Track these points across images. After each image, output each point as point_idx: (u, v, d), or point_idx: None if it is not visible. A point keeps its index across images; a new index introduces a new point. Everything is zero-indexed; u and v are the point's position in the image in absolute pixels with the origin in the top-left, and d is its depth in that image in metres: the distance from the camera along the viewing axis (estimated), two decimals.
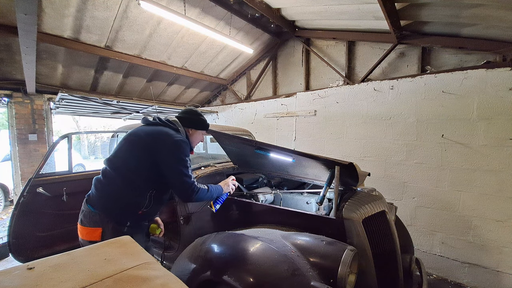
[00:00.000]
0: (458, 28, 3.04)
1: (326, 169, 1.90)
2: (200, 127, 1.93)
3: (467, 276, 2.93)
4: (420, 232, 3.26)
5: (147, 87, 5.49)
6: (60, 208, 2.70)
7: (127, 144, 1.70)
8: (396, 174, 3.44)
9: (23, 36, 2.56)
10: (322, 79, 4.69)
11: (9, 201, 5.98)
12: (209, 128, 2.01)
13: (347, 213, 1.58)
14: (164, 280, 0.77)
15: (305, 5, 3.66)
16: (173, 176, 1.64)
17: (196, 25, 3.44)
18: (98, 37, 3.81)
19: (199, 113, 1.95)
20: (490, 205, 2.79)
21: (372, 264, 1.51)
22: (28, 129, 4.49)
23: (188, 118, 1.90)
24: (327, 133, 4.16)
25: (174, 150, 1.64)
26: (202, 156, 3.50)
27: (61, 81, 4.55)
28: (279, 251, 1.37)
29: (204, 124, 1.94)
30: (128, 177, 1.62)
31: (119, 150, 1.70)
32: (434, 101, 3.12)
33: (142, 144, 1.66)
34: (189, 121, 1.89)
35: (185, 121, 1.88)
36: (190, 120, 1.90)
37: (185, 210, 2.29)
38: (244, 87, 6.03)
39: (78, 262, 0.85)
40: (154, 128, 1.74)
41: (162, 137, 1.66)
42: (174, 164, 1.63)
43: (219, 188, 1.89)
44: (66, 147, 2.90)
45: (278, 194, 2.36)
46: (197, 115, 1.94)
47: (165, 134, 1.68)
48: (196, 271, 1.49)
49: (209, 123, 2.01)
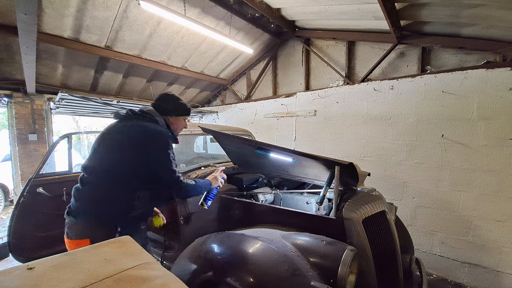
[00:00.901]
0: (458, 28, 3.04)
1: (326, 169, 1.90)
2: (180, 112, 1.76)
3: (467, 276, 2.93)
4: (420, 232, 3.26)
5: (147, 87, 5.49)
6: (60, 208, 2.67)
7: (104, 146, 1.56)
8: (396, 174, 3.44)
9: (23, 36, 2.56)
10: (322, 79, 4.69)
11: (9, 201, 5.98)
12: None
13: (347, 213, 1.58)
14: (164, 280, 0.77)
15: (305, 5, 3.66)
16: (157, 173, 1.55)
17: (196, 25, 3.44)
18: (98, 37, 3.81)
19: (177, 97, 1.77)
20: (490, 205, 2.79)
21: (372, 264, 1.51)
22: (28, 129, 4.49)
23: (165, 105, 1.73)
24: (327, 133, 4.16)
25: (152, 145, 1.52)
26: (202, 156, 3.50)
27: (61, 81, 4.55)
28: (279, 251, 1.37)
29: (184, 108, 1.78)
30: (110, 181, 1.50)
31: (96, 154, 1.55)
32: (434, 101, 3.12)
33: (119, 145, 1.54)
34: (166, 108, 1.72)
35: (162, 109, 1.71)
36: (168, 106, 1.73)
37: (185, 210, 2.29)
38: (244, 87, 6.03)
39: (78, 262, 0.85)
40: (129, 124, 1.58)
41: (139, 133, 1.53)
42: (155, 160, 1.52)
43: (207, 183, 1.78)
44: (66, 147, 2.90)
45: (278, 194, 2.36)
46: (174, 100, 1.75)
47: (141, 129, 1.54)
48: (196, 271, 1.49)
49: (190, 107, 1.84)
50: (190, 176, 2.41)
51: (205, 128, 2.33)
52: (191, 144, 3.53)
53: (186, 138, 3.19)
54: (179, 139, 1.85)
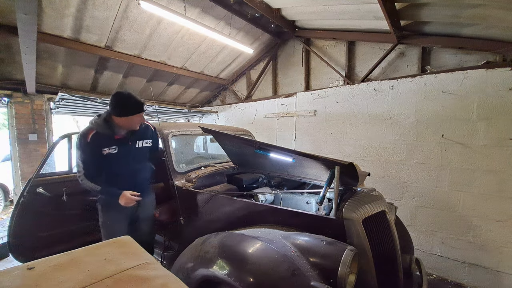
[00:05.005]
0: (458, 28, 3.04)
1: (326, 169, 1.90)
2: (117, 113, 1.92)
3: (467, 276, 2.93)
4: (420, 232, 3.25)
5: (147, 87, 5.48)
6: (60, 208, 2.70)
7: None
8: (396, 174, 3.44)
9: (23, 36, 2.56)
10: (322, 79, 4.69)
11: (9, 201, 5.98)
12: (143, 109, 2.00)
13: (347, 213, 1.58)
14: (164, 280, 0.77)
15: (305, 5, 3.66)
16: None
17: (196, 25, 3.44)
18: (98, 37, 3.81)
19: (118, 97, 1.91)
20: (490, 205, 2.79)
21: (372, 264, 1.51)
22: (28, 129, 4.49)
23: (109, 106, 1.95)
24: (327, 133, 4.16)
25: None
26: (202, 156, 3.50)
27: (61, 81, 4.55)
28: (279, 251, 1.37)
29: (118, 110, 1.91)
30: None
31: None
32: (434, 101, 3.12)
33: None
34: (109, 110, 1.96)
35: (109, 108, 1.96)
36: (109, 108, 1.95)
37: (185, 210, 2.29)
38: (244, 87, 6.03)
39: (78, 262, 0.85)
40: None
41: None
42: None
43: (113, 194, 1.97)
44: (66, 147, 2.90)
45: (278, 194, 2.36)
46: (113, 100, 1.91)
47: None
48: (196, 271, 1.49)
49: (130, 105, 1.94)
50: (190, 176, 2.41)
51: (205, 128, 2.33)
52: (191, 144, 3.53)
53: (186, 138, 3.19)
54: (179, 139, 2.00)
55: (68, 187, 2.72)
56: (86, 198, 2.81)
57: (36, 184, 2.55)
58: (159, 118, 5.84)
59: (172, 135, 2.61)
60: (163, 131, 2.54)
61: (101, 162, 1.96)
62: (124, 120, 1.94)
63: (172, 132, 2.62)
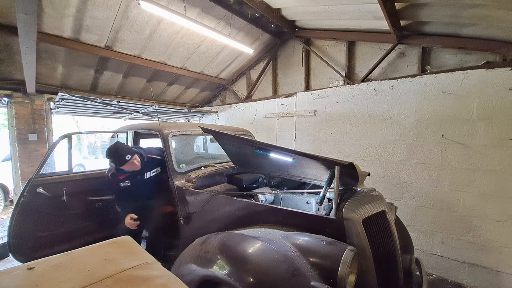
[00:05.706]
0: (458, 28, 3.04)
1: (326, 169, 1.90)
2: (115, 164, 2.37)
3: (467, 276, 2.93)
4: (420, 232, 3.25)
5: (147, 87, 5.49)
6: (60, 208, 2.70)
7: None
8: (396, 174, 3.44)
9: (23, 36, 2.56)
10: (322, 79, 4.69)
11: (9, 201, 5.98)
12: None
13: (347, 213, 1.57)
14: (164, 280, 0.77)
15: (305, 5, 3.66)
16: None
17: (196, 25, 3.44)
18: (98, 37, 3.81)
19: (108, 153, 2.31)
20: (490, 205, 2.79)
21: (372, 264, 1.51)
22: (28, 129, 4.48)
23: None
24: (327, 133, 4.16)
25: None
26: (202, 156, 3.50)
27: (61, 81, 4.55)
28: (279, 251, 1.37)
29: (115, 162, 2.34)
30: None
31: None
32: (434, 101, 3.12)
33: None
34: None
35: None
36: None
37: (185, 210, 2.29)
38: (244, 87, 6.03)
39: (78, 262, 0.85)
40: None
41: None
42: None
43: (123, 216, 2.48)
44: (66, 147, 2.90)
45: (278, 194, 2.36)
46: (107, 155, 2.33)
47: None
48: (196, 271, 1.49)
49: (118, 157, 2.31)
50: (190, 176, 2.41)
51: (205, 128, 2.33)
52: (191, 144, 3.53)
53: (186, 138, 3.19)
54: (179, 139, 2.46)
55: (68, 187, 2.72)
56: (86, 198, 2.81)
57: (36, 184, 2.55)
58: (159, 118, 5.84)
59: (172, 135, 2.61)
60: (163, 131, 2.54)
61: (122, 192, 2.54)
62: (124, 167, 2.37)
63: (172, 132, 2.62)
